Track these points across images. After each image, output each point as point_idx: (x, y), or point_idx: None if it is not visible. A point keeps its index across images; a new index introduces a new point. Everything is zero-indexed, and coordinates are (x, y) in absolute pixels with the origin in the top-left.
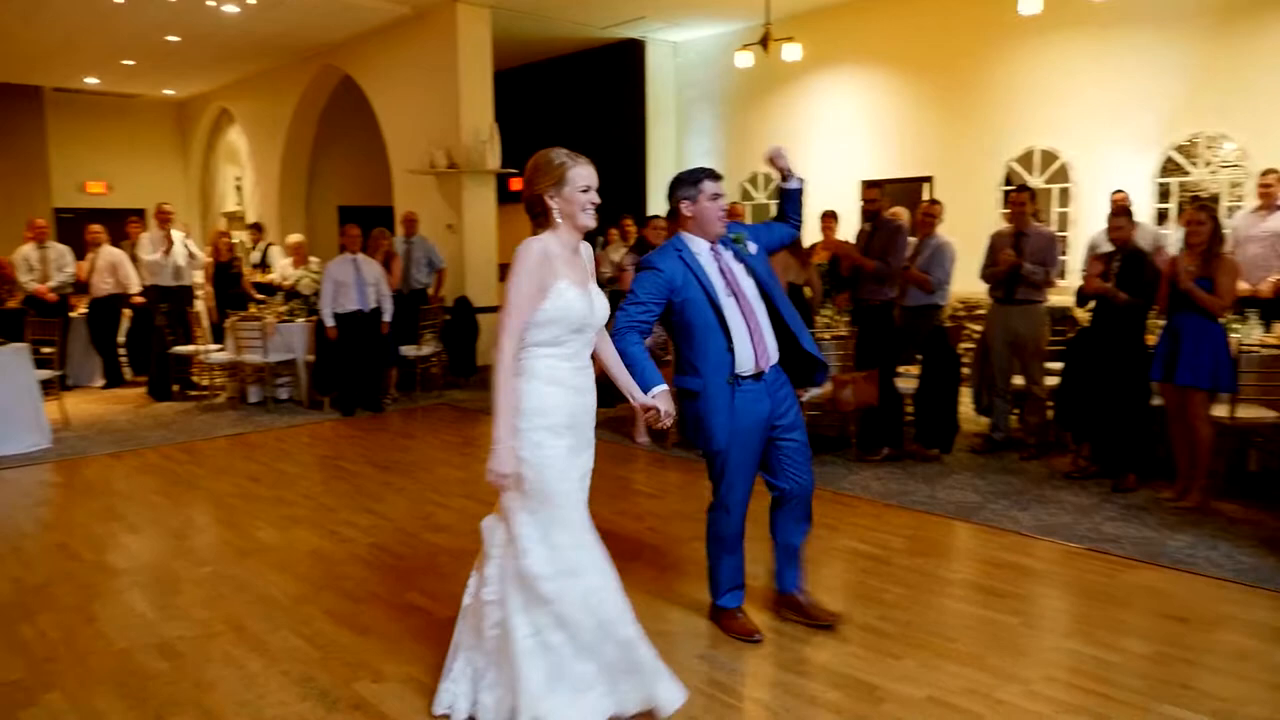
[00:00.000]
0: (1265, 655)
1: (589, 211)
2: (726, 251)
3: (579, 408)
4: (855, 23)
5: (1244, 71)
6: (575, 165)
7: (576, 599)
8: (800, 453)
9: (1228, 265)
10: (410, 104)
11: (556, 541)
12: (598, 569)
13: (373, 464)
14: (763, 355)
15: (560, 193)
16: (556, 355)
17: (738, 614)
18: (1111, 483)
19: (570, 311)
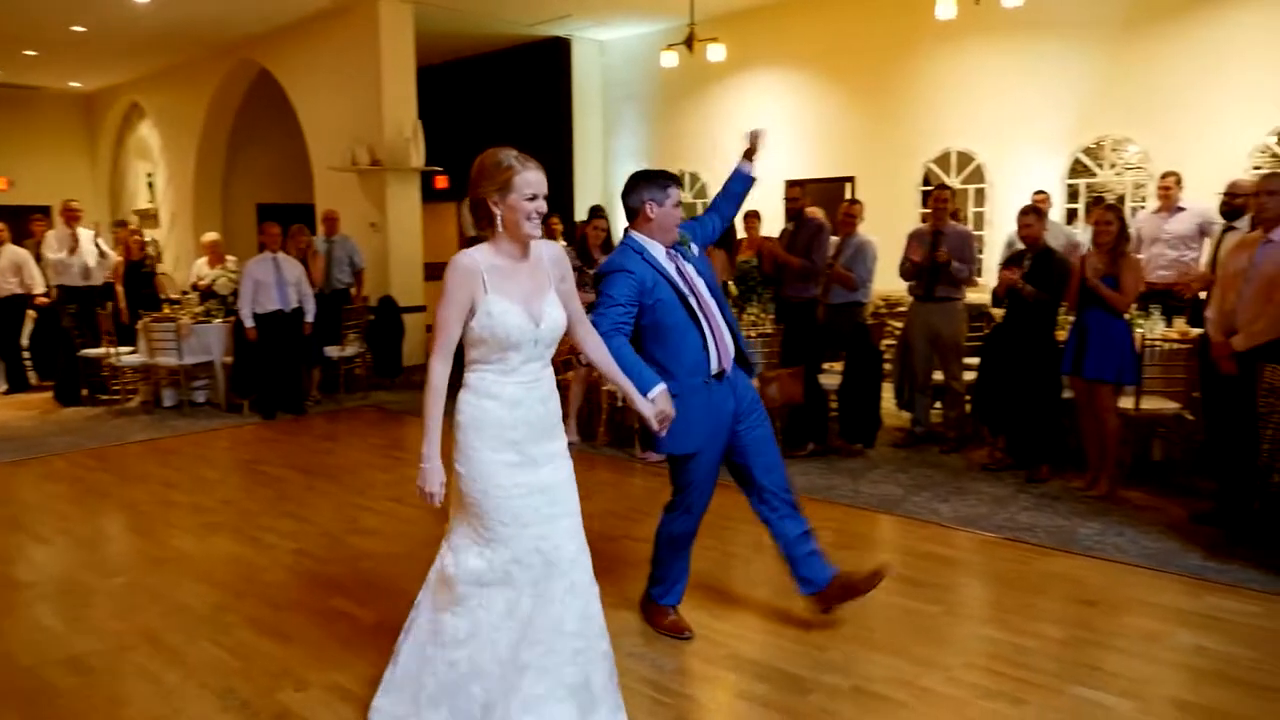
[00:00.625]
0: (1169, 636)
1: (534, 221)
2: (677, 254)
3: (520, 422)
4: (778, 25)
5: (1146, 78)
6: (523, 170)
7: (501, 610)
8: (770, 441)
9: (1132, 264)
10: (331, 100)
11: (491, 555)
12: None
13: (295, 468)
14: (724, 354)
15: (505, 199)
16: (494, 371)
17: (671, 612)
18: (1026, 473)
19: (497, 328)
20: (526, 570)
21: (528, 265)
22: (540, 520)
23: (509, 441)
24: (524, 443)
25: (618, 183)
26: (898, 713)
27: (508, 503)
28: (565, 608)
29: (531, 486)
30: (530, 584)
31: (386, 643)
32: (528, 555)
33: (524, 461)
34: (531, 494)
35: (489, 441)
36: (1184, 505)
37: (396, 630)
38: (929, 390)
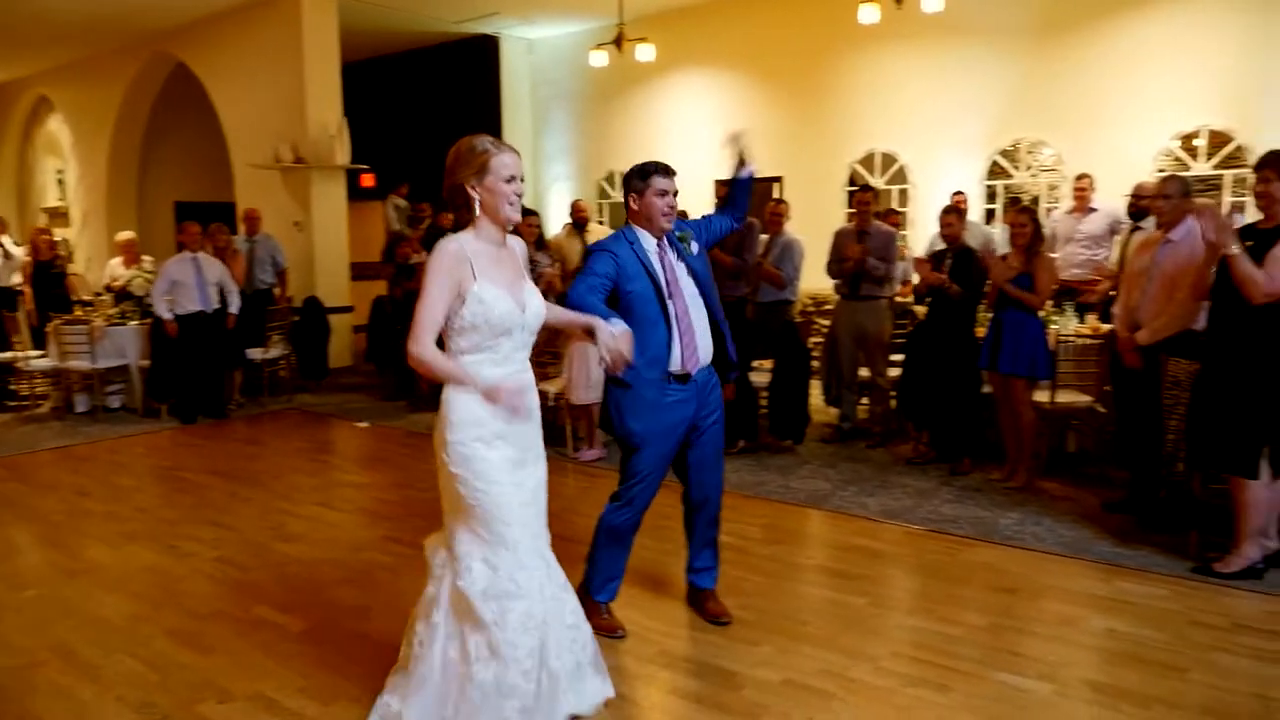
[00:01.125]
0: (1084, 620)
1: (514, 204)
2: (671, 250)
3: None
4: (706, 26)
5: (1059, 83)
6: (499, 153)
7: (515, 622)
8: (713, 460)
9: (1046, 263)
10: (252, 95)
11: (497, 561)
12: (540, 594)
13: (216, 473)
14: (691, 357)
15: (482, 182)
16: (486, 361)
17: (604, 610)
18: (949, 467)
19: (491, 315)
20: (531, 575)
21: (507, 252)
22: (533, 519)
23: (502, 437)
24: (518, 435)
25: (547, 182)
26: (828, 704)
27: (508, 501)
28: (563, 604)
29: (527, 484)
30: (538, 589)
31: (313, 650)
32: (530, 558)
33: (520, 457)
34: (525, 490)
35: (489, 438)
36: (1097, 494)
37: (324, 637)
38: (855, 387)
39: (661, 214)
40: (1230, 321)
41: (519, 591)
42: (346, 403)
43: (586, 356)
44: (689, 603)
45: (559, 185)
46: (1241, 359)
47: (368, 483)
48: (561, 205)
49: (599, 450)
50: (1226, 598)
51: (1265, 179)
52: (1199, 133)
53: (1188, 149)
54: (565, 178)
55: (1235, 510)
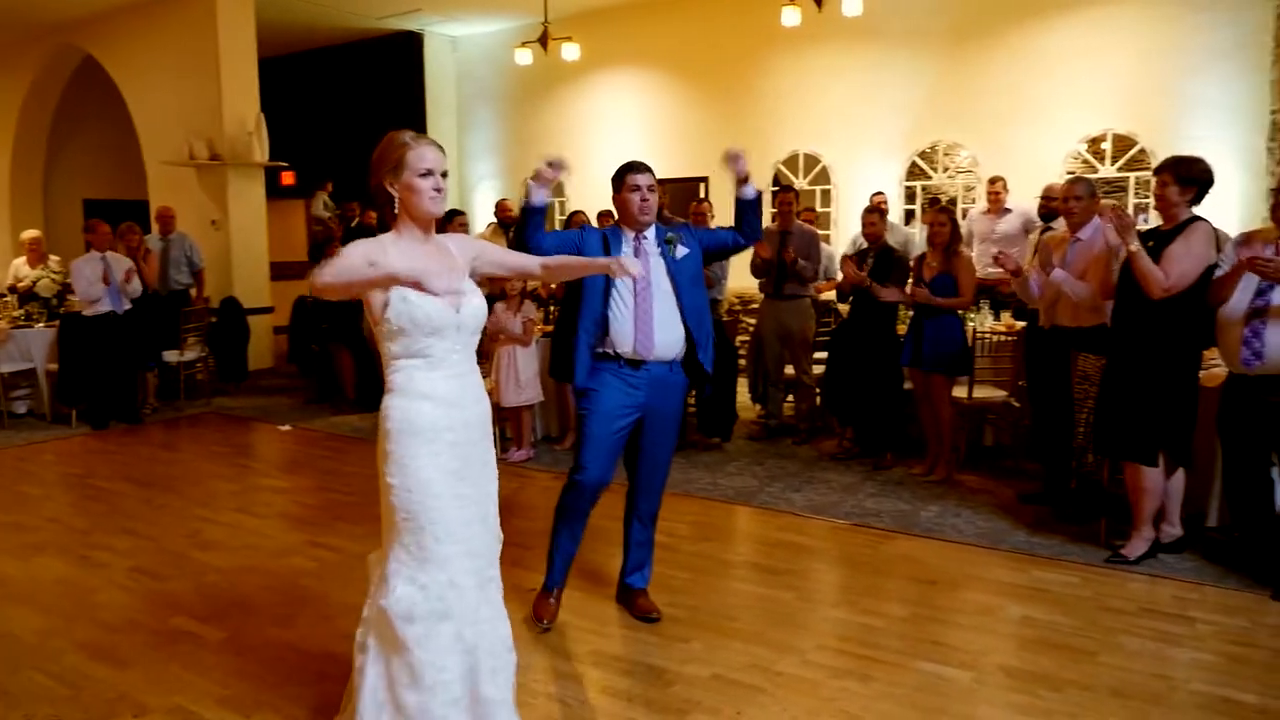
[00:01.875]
0: (1003, 609)
1: (434, 199)
2: (651, 245)
3: (458, 423)
4: (632, 26)
5: (973, 87)
6: (416, 147)
7: (442, 646)
8: (660, 460)
9: (966, 262)
10: (165, 90)
11: (427, 580)
12: (473, 616)
13: (131, 480)
14: (644, 344)
15: (400, 178)
16: (420, 366)
17: (544, 595)
18: (872, 462)
19: (417, 314)
20: (462, 595)
21: (435, 250)
22: (474, 536)
23: (447, 444)
24: (463, 445)
25: (473, 181)
26: (756, 697)
27: (445, 516)
28: (496, 629)
29: (469, 498)
30: (471, 610)
31: (234, 660)
32: (464, 577)
33: (463, 468)
34: (468, 506)
35: (426, 446)
36: (1013, 486)
37: (245, 647)
38: (781, 384)
39: (636, 208)
40: (1132, 317)
41: (447, 612)
42: (267, 406)
43: (514, 358)
44: (619, 600)
45: (484, 184)
46: (1142, 352)
47: (289, 487)
48: (487, 204)
49: (528, 451)
50: (1134, 583)
51: (1163, 182)
52: (1105, 136)
53: (1095, 152)
54: (491, 176)
55: (1132, 497)
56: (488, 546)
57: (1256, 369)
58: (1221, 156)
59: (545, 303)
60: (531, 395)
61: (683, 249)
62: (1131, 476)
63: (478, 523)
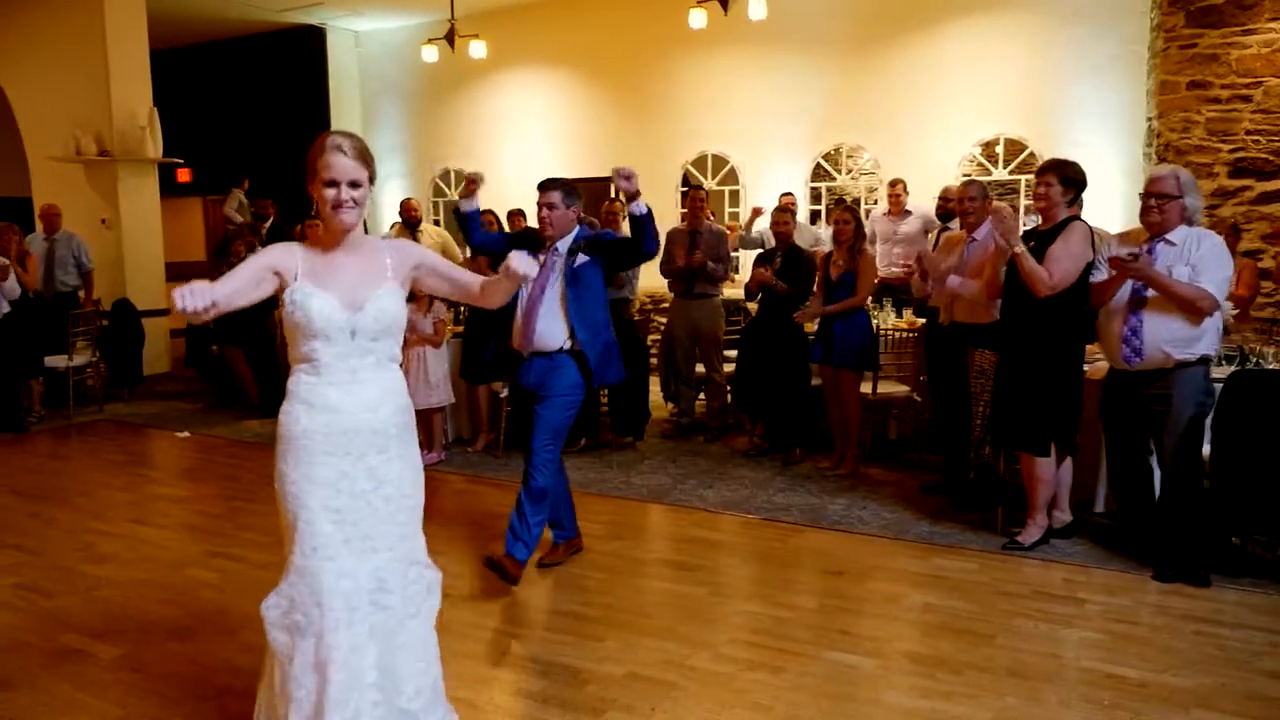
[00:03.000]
0: (907, 597)
1: (337, 211)
2: (558, 256)
3: (336, 431)
4: (539, 24)
5: (874, 91)
6: (328, 154)
7: (302, 663)
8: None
9: (868, 261)
10: (49, 81)
11: (294, 593)
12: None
13: (15, 492)
14: (524, 339)
15: (314, 185)
16: (307, 370)
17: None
18: (782, 458)
19: (300, 314)
20: (325, 616)
21: (353, 257)
22: (347, 554)
23: (321, 454)
24: (338, 457)
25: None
26: (670, 693)
27: (315, 530)
28: (363, 658)
29: (345, 515)
30: (331, 634)
31: (130, 677)
32: (330, 597)
33: (339, 481)
34: (344, 524)
35: (301, 454)
36: (915, 478)
37: (140, 665)
38: (692, 382)
39: (539, 222)
40: (1019, 314)
41: (307, 629)
42: (165, 412)
43: (424, 359)
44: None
45: (392, 183)
46: (1031, 348)
47: (189, 496)
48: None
49: (439, 454)
50: (1028, 568)
51: (1047, 183)
52: (997, 140)
53: (988, 155)
54: (398, 175)
55: (1027, 485)
56: (371, 572)
57: (1137, 365)
58: (1105, 161)
59: (455, 303)
60: (442, 397)
61: (583, 256)
62: (1026, 466)
63: (358, 541)
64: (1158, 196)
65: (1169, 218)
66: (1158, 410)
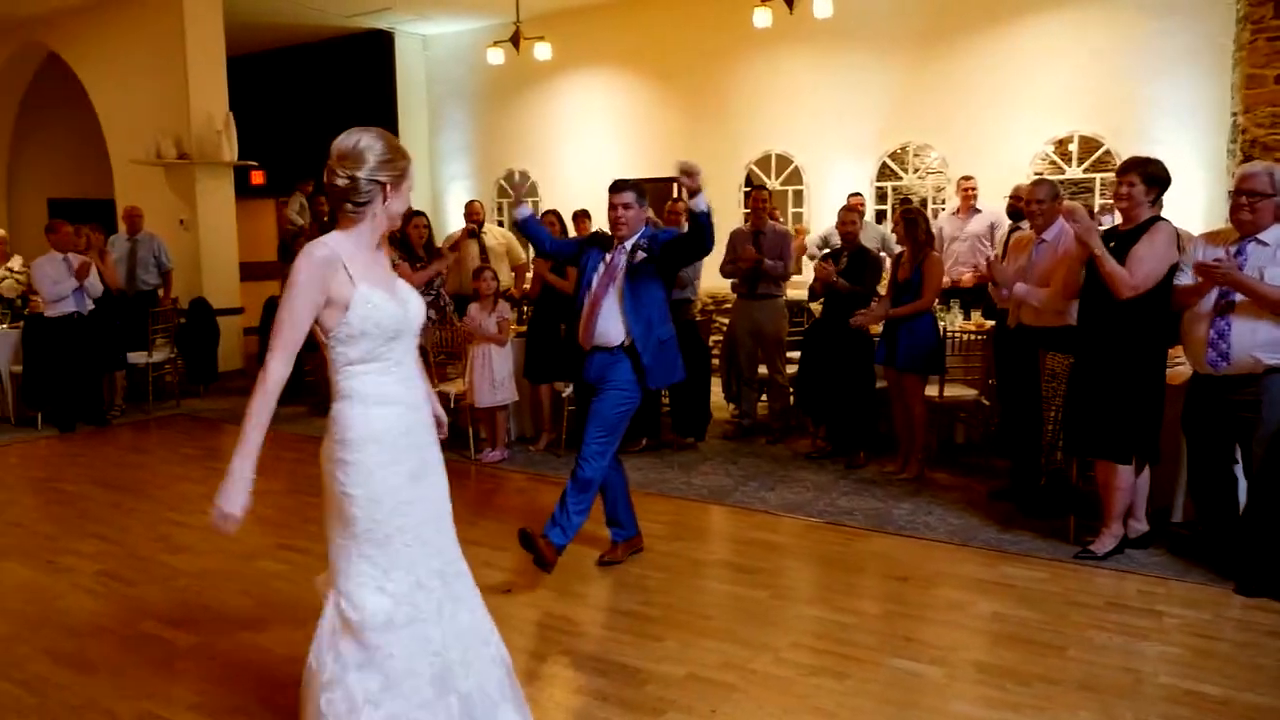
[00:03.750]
0: (974, 605)
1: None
2: (623, 254)
3: (416, 425)
4: (604, 25)
5: (943, 89)
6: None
7: (412, 650)
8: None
9: (934, 264)
10: (132, 87)
11: (394, 588)
12: (438, 615)
13: (98, 484)
14: (586, 334)
15: None
16: (377, 371)
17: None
18: (845, 460)
19: (380, 318)
20: (429, 595)
21: (379, 254)
22: (436, 535)
23: (408, 449)
24: (419, 449)
25: (445, 181)
26: (730, 695)
27: (411, 520)
28: (477, 618)
29: (429, 499)
30: (435, 610)
31: (203, 665)
32: (429, 578)
33: (421, 471)
34: (426, 506)
35: (389, 453)
36: (983, 484)
37: (216, 651)
38: (755, 384)
39: (610, 223)
40: (1099, 317)
41: (419, 615)
42: (238, 407)
43: (489, 358)
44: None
45: (456, 184)
46: (1110, 352)
47: (259, 489)
48: (459, 205)
49: (502, 452)
50: (1101, 578)
51: (1129, 182)
52: (1071, 138)
53: (1061, 153)
54: (462, 177)
55: (1104, 494)
56: (449, 542)
57: (1223, 370)
58: (1185, 158)
59: (519, 303)
60: (506, 396)
61: (641, 254)
62: (1103, 474)
63: (435, 520)
64: (1249, 194)
65: (1261, 216)
66: (1245, 417)
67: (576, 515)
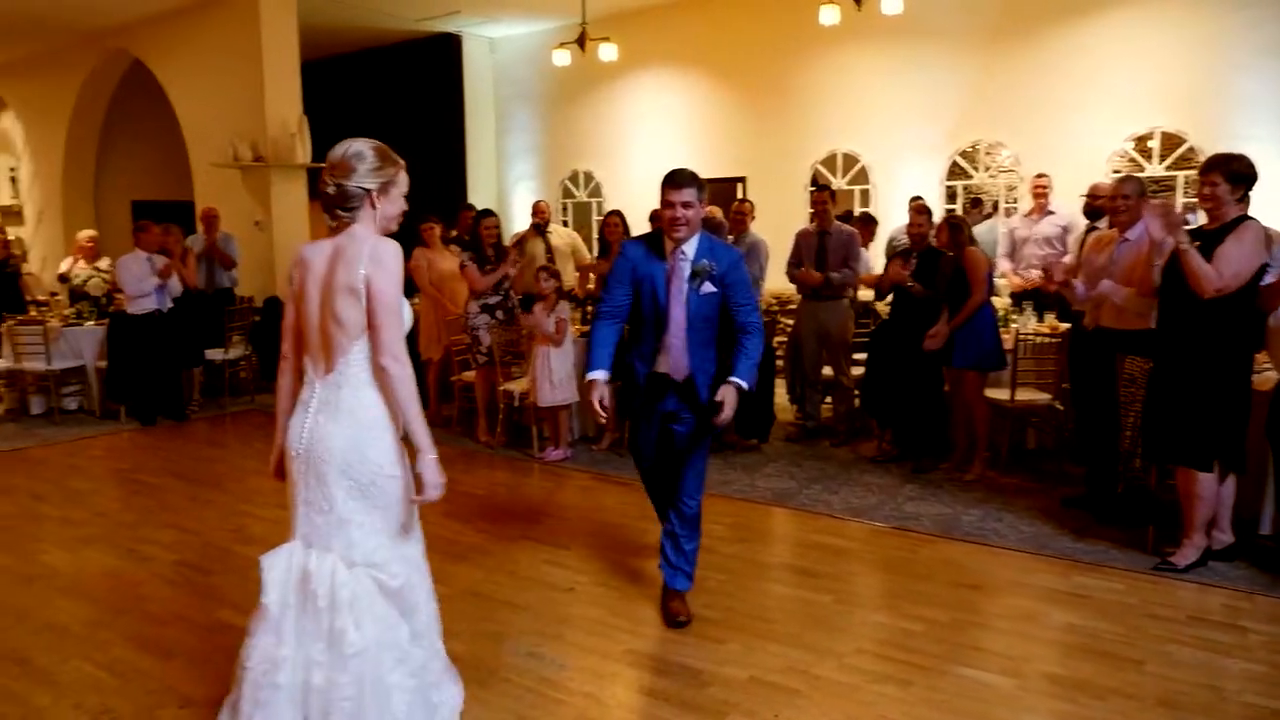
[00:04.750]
0: (1044, 615)
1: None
2: (685, 261)
3: None
4: (669, 25)
5: (1015, 85)
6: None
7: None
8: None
9: (974, 258)
10: (210, 92)
11: (410, 552)
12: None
13: (176, 476)
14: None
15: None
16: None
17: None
18: (912, 464)
19: (408, 318)
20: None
21: None
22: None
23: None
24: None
25: (510, 182)
26: (794, 700)
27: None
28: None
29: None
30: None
31: None
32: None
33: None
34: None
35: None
36: (1056, 490)
37: None
38: (819, 386)
39: (669, 223)
40: (1180, 319)
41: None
42: None
43: (549, 358)
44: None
45: (522, 185)
46: (1193, 354)
47: None
48: (524, 205)
49: (564, 451)
50: (1181, 590)
51: (1213, 181)
52: (1152, 134)
53: (1141, 150)
54: (528, 177)
55: (1184, 503)
56: None
57: None
58: (1271, 154)
59: (582, 302)
60: (566, 395)
61: (709, 286)
62: (1184, 482)
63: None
64: None
65: None
66: None
67: (689, 545)
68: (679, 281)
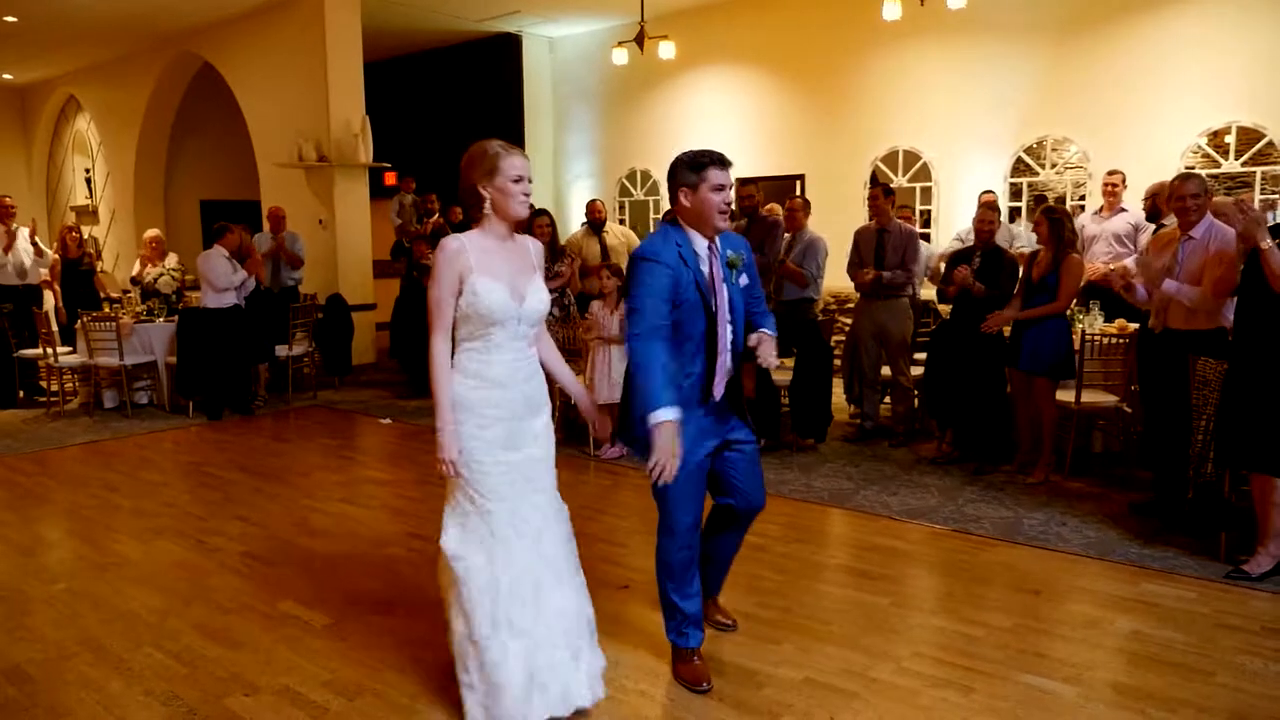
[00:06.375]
0: (1109, 622)
1: (522, 201)
2: (720, 259)
3: (505, 401)
4: (728, 23)
5: (1084, 80)
6: (508, 155)
7: (480, 583)
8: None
9: (1072, 265)
10: (276, 94)
11: (472, 526)
12: (506, 566)
13: (242, 469)
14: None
15: (493, 183)
16: (477, 350)
17: (688, 656)
18: (973, 466)
19: (481, 305)
20: (501, 545)
21: (515, 248)
22: (514, 495)
23: (493, 419)
24: (508, 421)
25: (568, 180)
26: (850, 703)
27: (485, 478)
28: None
29: (511, 465)
30: (503, 560)
31: (338, 644)
32: (502, 528)
33: (506, 440)
34: (512, 470)
35: (474, 419)
36: (1123, 495)
37: (348, 632)
38: (878, 385)
39: (718, 212)
40: (1258, 319)
41: (488, 558)
42: (370, 399)
43: (609, 356)
44: None
45: (579, 183)
46: (1270, 356)
47: (390, 479)
48: (582, 204)
49: (621, 449)
50: (1255, 600)
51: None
52: (1229, 129)
53: (1217, 146)
54: (586, 176)
55: (1259, 509)
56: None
57: None
58: None
59: None
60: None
61: (744, 278)
62: (1259, 488)
63: (522, 482)
64: None
65: None
66: None
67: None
68: (718, 280)
